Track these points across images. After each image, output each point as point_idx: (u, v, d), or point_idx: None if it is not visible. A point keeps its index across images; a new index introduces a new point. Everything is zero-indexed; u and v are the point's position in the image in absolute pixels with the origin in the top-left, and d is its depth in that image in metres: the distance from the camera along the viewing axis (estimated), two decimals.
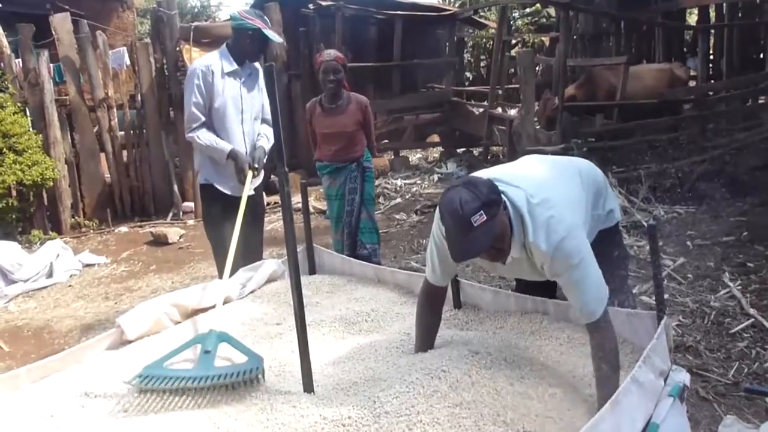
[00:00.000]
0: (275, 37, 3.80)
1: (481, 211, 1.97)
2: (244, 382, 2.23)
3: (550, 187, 2.26)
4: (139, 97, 8.28)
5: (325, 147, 4.54)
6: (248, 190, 3.53)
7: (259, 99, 3.91)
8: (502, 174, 2.31)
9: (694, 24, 11.91)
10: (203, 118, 3.67)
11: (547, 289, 2.72)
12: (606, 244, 2.60)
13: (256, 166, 3.71)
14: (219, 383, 2.23)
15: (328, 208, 4.73)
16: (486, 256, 2.15)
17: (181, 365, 2.38)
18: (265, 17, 3.75)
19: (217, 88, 3.66)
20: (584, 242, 2.15)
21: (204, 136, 3.67)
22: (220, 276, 3.63)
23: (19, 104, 7.36)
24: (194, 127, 3.67)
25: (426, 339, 2.43)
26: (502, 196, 2.11)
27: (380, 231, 5.11)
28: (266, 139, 3.88)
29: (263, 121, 3.94)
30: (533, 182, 2.26)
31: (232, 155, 3.67)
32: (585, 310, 2.12)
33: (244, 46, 3.70)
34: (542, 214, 2.13)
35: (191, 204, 8.21)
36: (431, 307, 2.48)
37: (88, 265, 6.46)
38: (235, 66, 3.72)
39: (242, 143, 3.78)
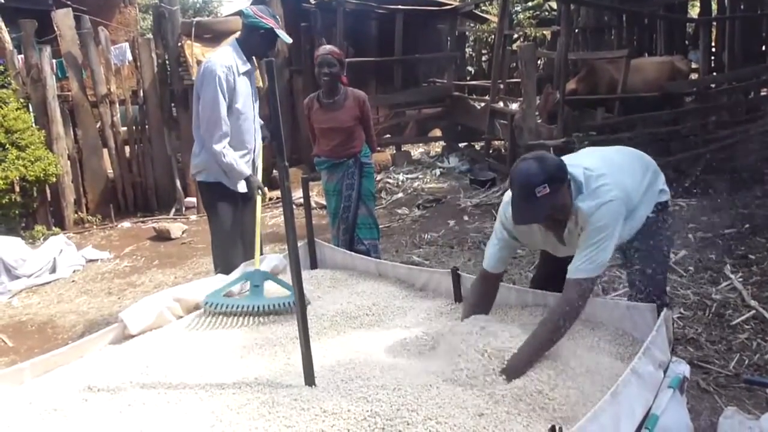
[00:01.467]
0: (286, 37, 3.78)
1: (545, 184, 2.21)
2: (292, 309, 2.76)
3: (606, 164, 2.49)
4: (141, 93, 8.29)
5: (323, 142, 4.51)
6: (260, 209, 3.61)
7: (256, 95, 3.93)
8: (566, 158, 2.55)
9: (696, 16, 11.87)
10: (228, 128, 3.63)
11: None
12: (661, 218, 2.72)
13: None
14: (271, 311, 2.83)
15: (327, 204, 4.74)
16: (544, 224, 2.43)
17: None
18: (277, 16, 3.74)
19: (237, 89, 3.64)
20: (621, 216, 2.35)
21: (230, 154, 3.64)
22: (216, 271, 3.64)
23: (21, 100, 7.38)
24: (222, 138, 3.60)
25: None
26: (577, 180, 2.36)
27: (382, 226, 5.12)
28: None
29: None
30: (591, 160, 2.53)
31: (247, 180, 3.72)
32: (583, 267, 2.29)
33: (255, 44, 3.69)
34: (594, 184, 2.36)
35: (194, 199, 8.22)
36: (483, 288, 2.63)
37: (91, 261, 6.48)
38: (248, 66, 3.73)
39: (253, 140, 3.83)
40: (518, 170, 2.29)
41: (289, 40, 3.89)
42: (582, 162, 2.48)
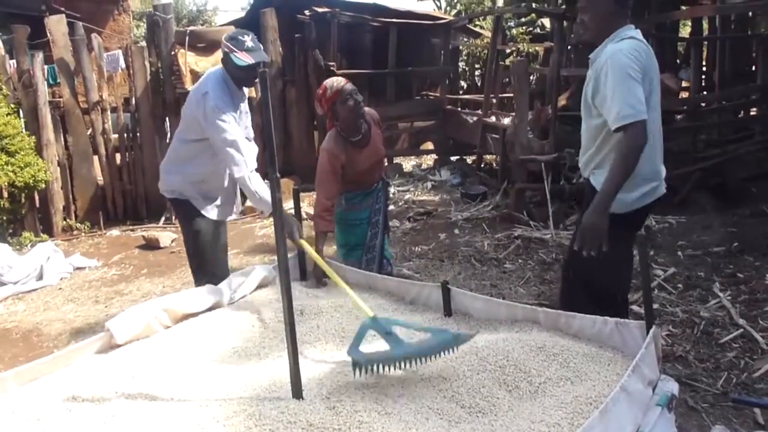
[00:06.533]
0: (266, 57, 3.64)
1: None
2: (456, 347, 2.31)
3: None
4: (134, 101, 8.27)
5: (360, 180, 3.89)
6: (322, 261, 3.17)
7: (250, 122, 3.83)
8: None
9: (687, 36, 11.97)
10: (246, 151, 3.47)
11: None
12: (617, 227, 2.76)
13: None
14: (434, 355, 2.28)
15: (342, 235, 4.03)
16: (581, 10, 2.98)
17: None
18: (246, 39, 3.47)
19: (240, 124, 3.57)
20: (631, 67, 2.71)
21: (255, 181, 3.44)
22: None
23: (12, 105, 7.34)
24: (249, 165, 3.45)
25: None
26: (627, 30, 2.86)
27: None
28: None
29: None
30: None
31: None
32: (622, 113, 2.65)
33: (240, 78, 3.54)
34: (628, 41, 2.78)
35: None
36: None
37: (78, 268, 6.43)
38: (241, 97, 3.64)
39: None
40: None
41: (246, 63, 3.42)
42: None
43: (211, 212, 3.75)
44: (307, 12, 10.09)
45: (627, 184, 2.74)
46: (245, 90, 3.74)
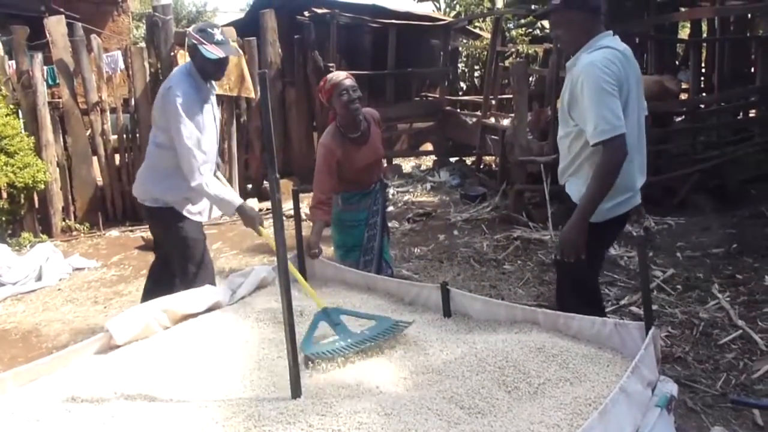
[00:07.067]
0: (235, 51, 3.61)
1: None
2: (394, 334, 2.55)
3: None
4: (133, 102, 8.27)
5: (357, 178, 3.87)
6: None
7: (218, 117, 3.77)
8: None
9: (686, 37, 11.97)
10: (203, 156, 3.44)
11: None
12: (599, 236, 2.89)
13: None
14: (376, 343, 2.51)
15: (340, 236, 4.03)
16: (553, 26, 3.11)
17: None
18: (216, 32, 3.45)
19: (204, 118, 3.50)
20: (605, 80, 2.67)
21: (213, 186, 3.45)
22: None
23: (11, 106, 7.33)
24: (200, 168, 3.41)
25: None
26: (602, 38, 2.81)
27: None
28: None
29: None
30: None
31: (241, 211, 3.51)
32: (598, 128, 2.65)
33: (208, 72, 3.52)
34: (601, 51, 2.74)
35: None
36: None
37: (77, 269, 6.43)
38: (208, 91, 3.58)
39: (215, 167, 3.72)
40: None
41: (216, 56, 3.41)
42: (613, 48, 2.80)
43: (196, 215, 3.73)
44: (306, 13, 10.09)
45: None
46: (214, 83, 3.69)
